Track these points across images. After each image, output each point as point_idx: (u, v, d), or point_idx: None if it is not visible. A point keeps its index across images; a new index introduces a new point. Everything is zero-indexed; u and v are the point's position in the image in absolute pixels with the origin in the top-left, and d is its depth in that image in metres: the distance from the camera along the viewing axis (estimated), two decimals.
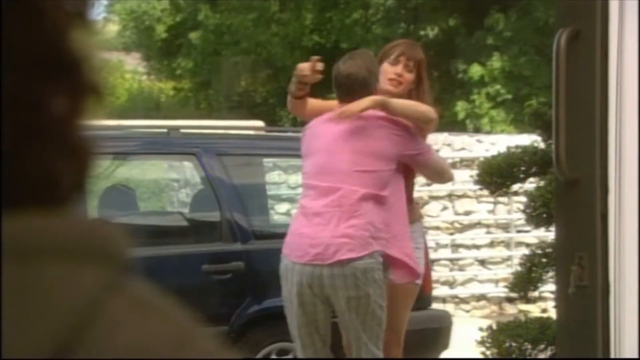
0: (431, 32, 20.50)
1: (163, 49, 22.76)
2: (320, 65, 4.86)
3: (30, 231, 0.54)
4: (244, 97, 21.76)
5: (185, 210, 8.00)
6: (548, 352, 5.34)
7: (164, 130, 6.75)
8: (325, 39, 20.23)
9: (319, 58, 4.88)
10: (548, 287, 5.97)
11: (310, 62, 4.87)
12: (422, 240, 5.19)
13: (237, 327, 5.93)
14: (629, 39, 3.12)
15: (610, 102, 3.17)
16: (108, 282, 0.56)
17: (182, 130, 6.71)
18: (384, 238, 4.63)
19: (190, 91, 22.93)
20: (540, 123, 5.69)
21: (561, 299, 3.37)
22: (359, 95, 4.77)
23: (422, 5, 19.40)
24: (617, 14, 3.15)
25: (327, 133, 4.81)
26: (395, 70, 4.99)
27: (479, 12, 18.59)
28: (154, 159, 8.15)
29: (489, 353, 5.46)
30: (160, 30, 22.44)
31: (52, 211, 0.56)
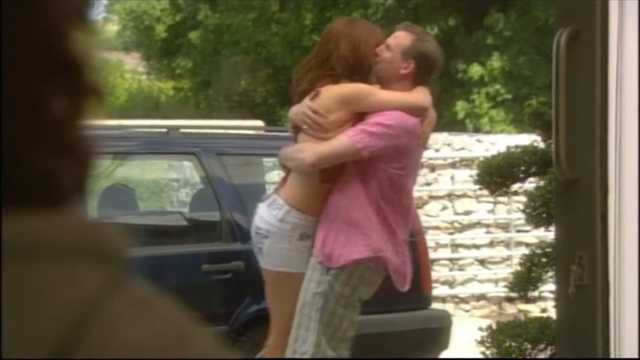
0: (431, 32, 20.50)
1: (163, 49, 22.77)
2: None
3: (30, 231, 0.54)
4: (244, 97, 21.76)
5: (185, 210, 8.00)
6: (548, 352, 5.34)
7: (164, 130, 6.75)
8: None
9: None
10: (548, 287, 5.97)
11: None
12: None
13: (237, 327, 5.93)
14: (628, 38, 3.12)
15: (610, 101, 3.17)
16: (107, 282, 0.56)
17: (182, 130, 6.71)
18: None
19: (190, 91, 22.94)
20: (540, 123, 5.69)
21: (561, 298, 3.37)
22: None
23: (421, 5, 19.40)
24: (617, 14, 3.15)
25: None
26: None
27: (479, 12, 18.59)
28: (154, 159, 8.15)
29: (489, 353, 5.46)
30: (160, 30, 22.45)
31: (52, 211, 0.56)
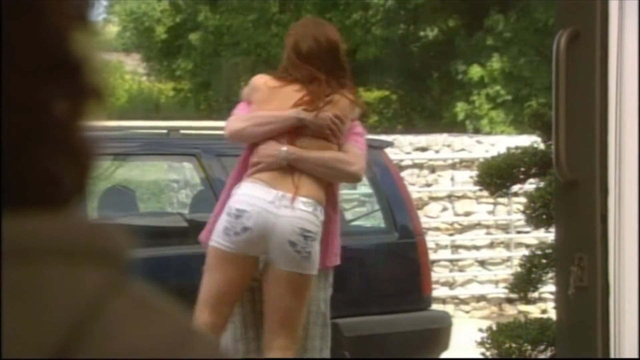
0: (431, 33, 20.52)
1: (163, 50, 22.76)
2: None
3: (31, 232, 0.55)
4: None
5: (185, 211, 7.99)
6: (548, 353, 5.34)
7: (164, 131, 6.74)
8: None
9: None
10: (548, 288, 5.97)
11: None
12: None
13: None
14: (628, 40, 3.12)
15: (610, 103, 3.17)
16: (108, 283, 0.56)
17: (182, 131, 6.70)
18: None
19: (190, 92, 22.92)
20: (540, 124, 5.69)
21: (561, 299, 3.37)
22: None
23: (421, 6, 19.40)
24: (617, 15, 3.15)
25: None
26: None
27: (479, 13, 18.59)
28: (154, 160, 8.14)
29: (489, 354, 5.46)
30: (160, 32, 22.44)
31: (53, 212, 0.56)
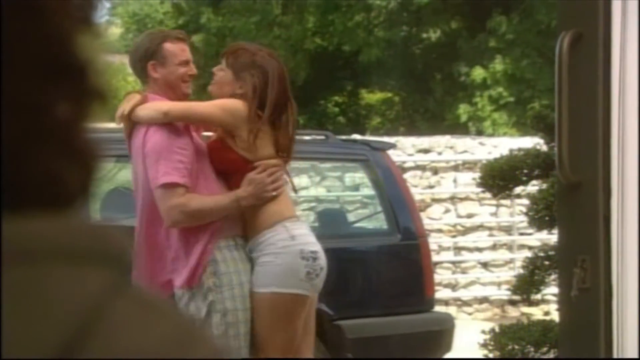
0: (433, 35, 20.52)
1: None
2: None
3: (34, 234, 0.55)
4: None
5: None
6: (551, 355, 5.34)
7: None
8: (327, 41, 20.25)
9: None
10: (551, 290, 5.97)
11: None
12: None
13: None
14: (631, 41, 3.12)
15: (612, 104, 3.17)
16: (111, 284, 0.56)
17: None
18: None
19: (193, 94, 22.90)
20: (542, 126, 5.69)
21: (564, 301, 3.36)
22: None
23: (424, 8, 19.40)
24: (620, 17, 3.15)
25: None
26: None
27: (481, 15, 18.59)
28: None
29: (492, 356, 5.46)
30: None
31: (56, 214, 0.56)
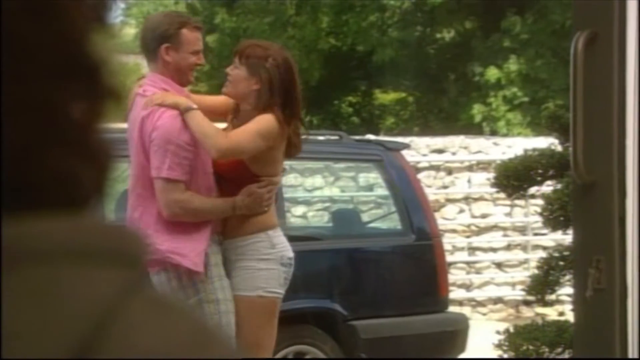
0: (447, 35, 20.48)
1: None
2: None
3: (50, 234, 0.55)
4: None
5: None
6: (565, 356, 5.33)
7: None
8: (341, 41, 20.24)
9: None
10: (565, 290, 5.95)
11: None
12: None
13: None
14: None
15: (628, 104, 3.16)
16: (126, 284, 0.56)
17: None
18: None
19: (207, 94, 22.92)
20: (557, 126, 5.67)
21: (579, 302, 3.35)
22: None
23: (438, 8, 19.38)
24: (635, 17, 3.14)
25: None
26: None
27: (496, 15, 18.55)
28: None
29: (506, 356, 5.45)
30: None
31: (71, 214, 0.56)
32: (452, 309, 7.09)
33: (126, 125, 4.49)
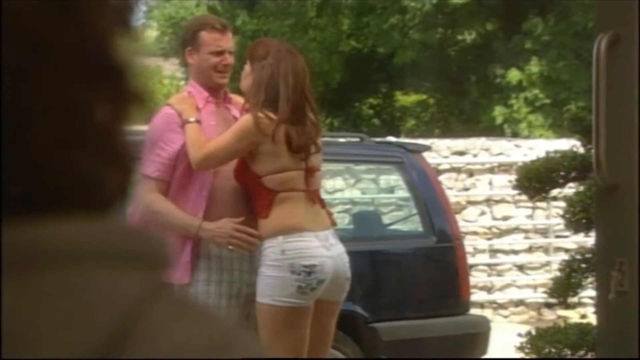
0: (469, 37, 20.45)
1: None
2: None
3: (74, 236, 0.55)
4: None
5: None
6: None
7: None
8: (362, 44, 20.24)
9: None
10: (587, 293, 5.93)
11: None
12: None
13: None
14: None
15: None
16: (150, 286, 0.57)
17: None
18: None
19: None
20: (579, 128, 5.65)
21: (601, 304, 3.34)
22: None
23: (459, 10, 19.35)
24: None
25: None
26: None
27: (517, 16, 18.51)
28: None
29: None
30: None
31: (95, 216, 0.56)
32: (473, 311, 7.07)
33: None
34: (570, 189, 6.25)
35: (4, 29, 0.54)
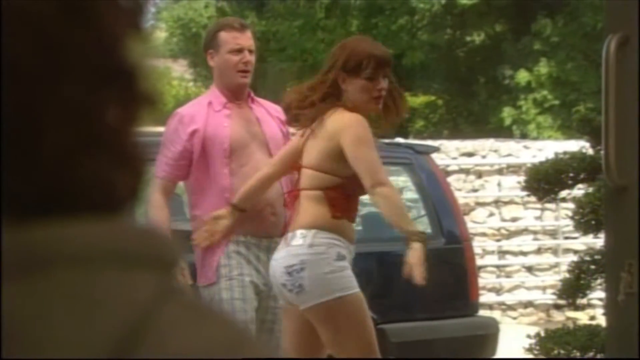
0: (477, 38, 20.42)
1: None
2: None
3: (86, 238, 0.55)
4: None
5: None
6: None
7: None
8: None
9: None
10: (596, 294, 5.92)
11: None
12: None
13: None
14: None
15: None
16: (162, 288, 0.57)
17: None
18: None
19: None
20: (588, 129, 5.64)
21: (610, 306, 3.34)
22: None
23: (468, 11, 19.33)
24: None
25: None
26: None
27: (526, 18, 18.49)
28: None
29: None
30: None
31: (107, 218, 0.56)
32: (482, 312, 7.06)
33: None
34: (579, 190, 6.24)
35: (17, 33, 0.54)
